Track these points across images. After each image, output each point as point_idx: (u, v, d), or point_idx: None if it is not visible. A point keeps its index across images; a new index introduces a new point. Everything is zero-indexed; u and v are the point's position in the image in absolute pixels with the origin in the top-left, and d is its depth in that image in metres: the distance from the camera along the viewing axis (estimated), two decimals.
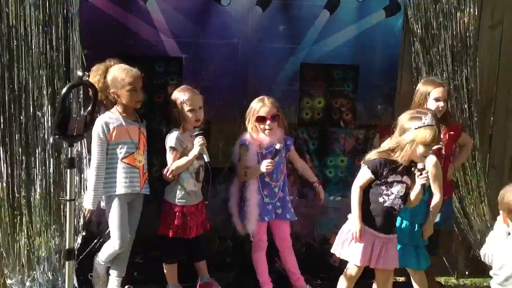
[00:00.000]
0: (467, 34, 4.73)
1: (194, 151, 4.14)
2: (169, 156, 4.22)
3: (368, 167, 3.91)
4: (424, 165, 3.86)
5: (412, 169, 3.88)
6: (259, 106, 4.29)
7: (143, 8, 4.29)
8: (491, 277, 5.03)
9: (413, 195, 3.93)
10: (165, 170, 4.21)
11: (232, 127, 4.50)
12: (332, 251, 4.14)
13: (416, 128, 3.81)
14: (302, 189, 4.70)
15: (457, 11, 4.68)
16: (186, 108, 4.16)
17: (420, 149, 3.81)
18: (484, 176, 4.95)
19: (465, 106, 4.79)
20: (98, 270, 4.27)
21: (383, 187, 3.91)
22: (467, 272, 5.11)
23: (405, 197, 3.95)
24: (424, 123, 3.80)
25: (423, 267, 4.29)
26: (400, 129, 3.90)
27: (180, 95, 4.19)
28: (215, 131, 4.45)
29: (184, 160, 4.18)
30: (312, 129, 4.73)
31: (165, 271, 4.37)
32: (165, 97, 4.44)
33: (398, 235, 4.11)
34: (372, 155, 3.94)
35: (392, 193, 3.91)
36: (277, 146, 4.27)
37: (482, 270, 4.97)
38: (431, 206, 4.19)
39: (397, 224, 4.16)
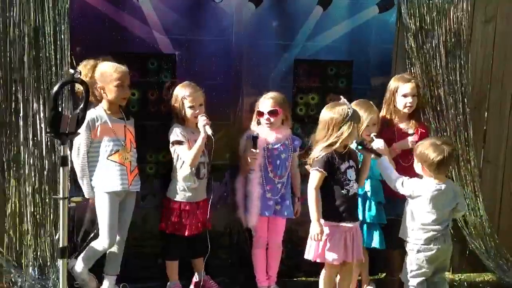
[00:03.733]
0: (461, 29, 4.73)
1: (202, 134, 4.12)
2: (180, 150, 4.21)
3: (318, 168, 3.91)
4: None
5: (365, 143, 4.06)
6: (261, 100, 4.34)
7: (136, 5, 4.28)
8: (486, 273, 5.09)
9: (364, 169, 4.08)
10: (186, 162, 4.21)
11: (226, 123, 4.50)
12: (306, 257, 4.07)
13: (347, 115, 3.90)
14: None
15: (450, 6, 4.68)
16: (187, 104, 4.18)
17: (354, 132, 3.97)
18: (479, 171, 4.95)
19: (459, 101, 4.78)
20: (81, 276, 4.21)
21: (342, 179, 3.96)
22: (462, 267, 5.11)
23: (357, 178, 4.04)
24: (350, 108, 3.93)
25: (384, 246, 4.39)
26: (335, 124, 3.90)
27: (181, 91, 4.21)
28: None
29: (195, 148, 4.15)
30: (306, 125, 4.72)
31: (166, 267, 4.40)
32: (158, 94, 4.43)
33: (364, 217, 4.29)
34: (316, 153, 3.95)
35: (350, 180, 3.97)
36: (254, 134, 4.28)
37: (477, 265, 5.01)
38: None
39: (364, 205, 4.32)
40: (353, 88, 4.70)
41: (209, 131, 4.09)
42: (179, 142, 4.21)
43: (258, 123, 4.37)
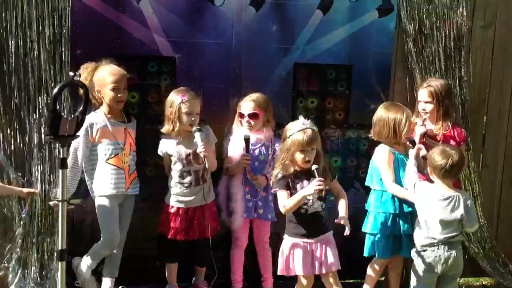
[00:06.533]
0: (460, 34, 4.73)
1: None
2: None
3: (280, 190, 3.91)
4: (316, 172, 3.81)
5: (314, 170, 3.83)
6: (243, 102, 4.33)
7: (136, 8, 4.29)
8: (484, 277, 5.08)
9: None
10: None
11: (226, 126, 4.49)
12: (279, 273, 4.08)
13: (289, 137, 3.87)
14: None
15: (449, 11, 4.68)
16: (184, 109, 4.14)
17: (298, 156, 3.84)
18: (478, 175, 4.96)
19: (458, 105, 4.79)
20: (83, 275, 4.23)
21: None
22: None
23: (325, 195, 3.93)
24: (295, 129, 3.85)
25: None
26: (283, 139, 3.95)
27: (179, 96, 4.16)
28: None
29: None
30: None
31: (166, 270, 4.42)
32: (158, 97, 4.44)
33: (384, 227, 4.22)
34: (275, 174, 3.94)
35: (309, 199, 3.86)
36: (245, 134, 4.27)
37: (476, 269, 5.01)
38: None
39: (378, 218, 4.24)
40: (353, 92, 4.70)
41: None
42: (161, 157, 4.31)
43: (240, 124, 4.37)
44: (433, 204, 3.94)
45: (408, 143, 4.22)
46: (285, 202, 3.89)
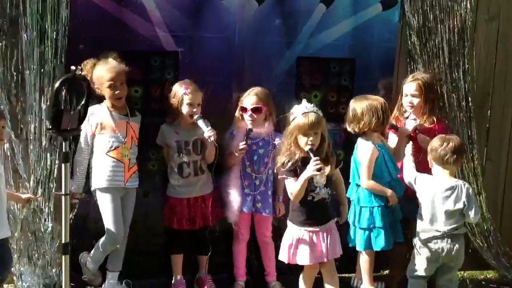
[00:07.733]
0: (464, 28, 4.71)
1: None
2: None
3: (288, 177, 3.85)
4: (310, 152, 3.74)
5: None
6: (245, 96, 4.32)
7: (138, 2, 4.28)
8: (488, 271, 5.08)
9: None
10: None
11: (228, 120, 4.48)
12: (280, 258, 4.08)
13: (292, 120, 3.83)
14: None
15: (453, 4, 4.66)
16: (186, 100, 4.18)
17: (301, 140, 3.79)
18: (481, 169, 4.94)
19: (462, 99, 4.77)
20: (91, 271, 4.25)
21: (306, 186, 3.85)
22: (464, 265, 5.09)
23: (329, 181, 3.89)
24: (298, 113, 3.81)
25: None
26: (287, 124, 3.90)
27: (182, 88, 4.22)
28: (211, 125, 4.44)
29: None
30: None
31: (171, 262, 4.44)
32: (161, 91, 4.44)
33: (383, 219, 4.16)
34: (282, 162, 3.87)
35: (316, 186, 3.84)
36: (250, 126, 4.27)
37: (480, 263, 5.00)
38: None
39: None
40: (356, 86, 4.69)
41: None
42: (160, 145, 4.37)
43: (242, 118, 4.36)
44: (435, 196, 3.94)
45: (390, 128, 4.26)
46: (292, 188, 3.87)
